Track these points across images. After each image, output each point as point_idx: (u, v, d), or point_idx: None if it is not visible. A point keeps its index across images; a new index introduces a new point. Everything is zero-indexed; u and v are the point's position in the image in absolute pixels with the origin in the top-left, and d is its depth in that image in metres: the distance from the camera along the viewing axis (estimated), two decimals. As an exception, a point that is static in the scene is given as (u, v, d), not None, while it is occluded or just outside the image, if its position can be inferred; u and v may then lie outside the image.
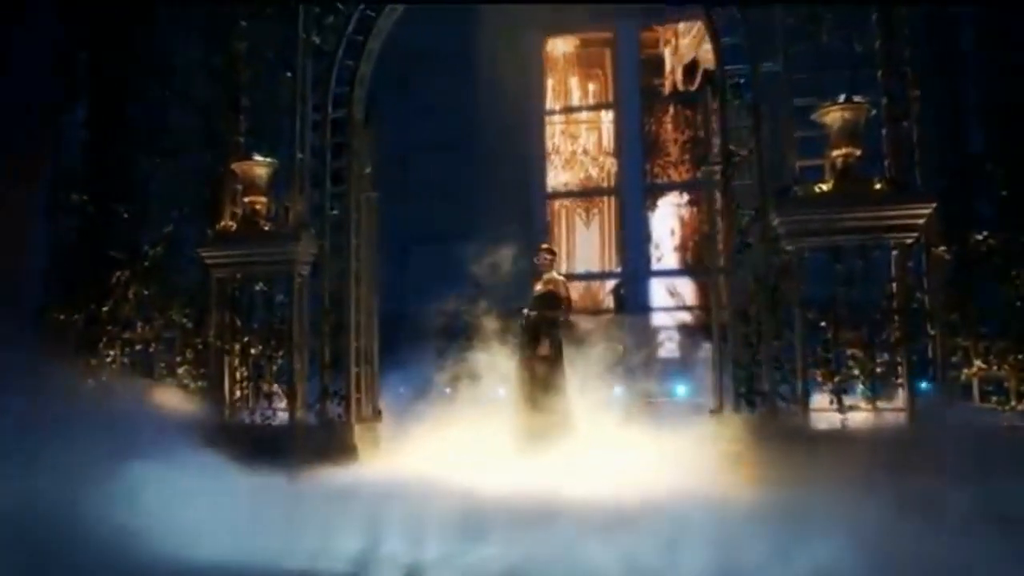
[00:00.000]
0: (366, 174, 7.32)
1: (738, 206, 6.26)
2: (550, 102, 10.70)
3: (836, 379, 5.76)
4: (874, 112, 5.92)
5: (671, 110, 10.77)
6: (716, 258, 6.39)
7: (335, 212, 7.02)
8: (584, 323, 12.79)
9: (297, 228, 6.77)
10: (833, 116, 5.84)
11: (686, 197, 10.68)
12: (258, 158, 6.87)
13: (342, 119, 7.12)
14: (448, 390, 11.15)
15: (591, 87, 11.07)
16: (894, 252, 5.87)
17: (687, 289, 10.50)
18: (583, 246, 11.02)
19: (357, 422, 6.82)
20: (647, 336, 11.48)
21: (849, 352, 5.78)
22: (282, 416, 6.76)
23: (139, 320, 7.42)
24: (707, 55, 10.10)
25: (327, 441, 6.54)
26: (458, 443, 6.53)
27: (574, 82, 11.06)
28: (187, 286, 7.33)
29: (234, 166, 6.89)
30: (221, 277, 6.99)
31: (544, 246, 7.04)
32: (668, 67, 10.81)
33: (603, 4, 11.01)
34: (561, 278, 6.98)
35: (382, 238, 7.60)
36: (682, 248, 10.75)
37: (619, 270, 10.84)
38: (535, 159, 10.38)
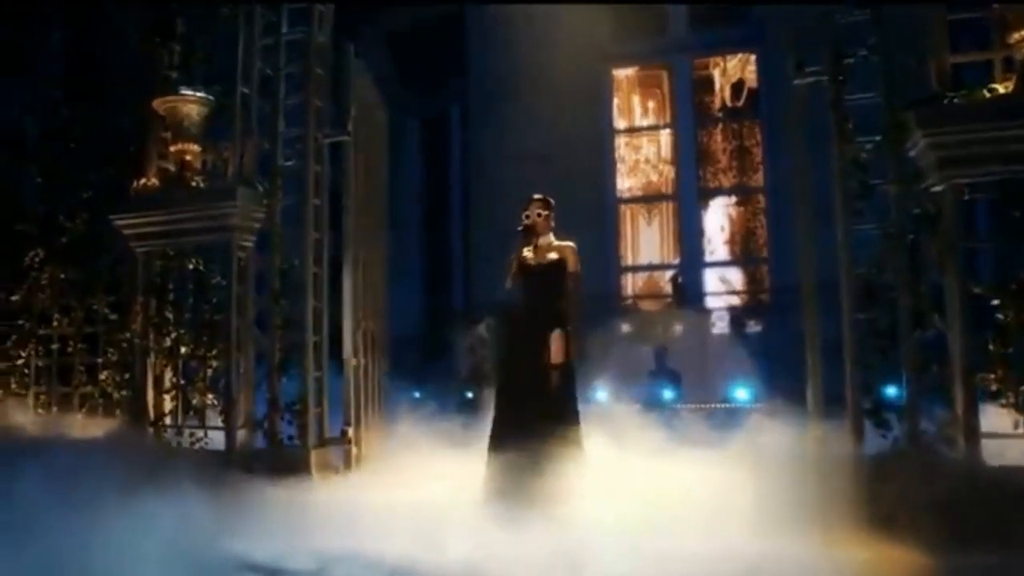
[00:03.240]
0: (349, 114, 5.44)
1: (854, 131, 4.19)
2: (616, 119, 12.50)
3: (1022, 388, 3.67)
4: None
5: (720, 124, 12.40)
6: (809, 204, 4.33)
7: (291, 163, 5.23)
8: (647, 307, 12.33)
9: (234, 183, 5.01)
10: (1010, -20, 3.75)
11: (734, 199, 12.32)
12: (187, 92, 5.15)
13: (299, 41, 5.33)
14: (471, 394, 9.45)
15: (650, 105, 12.73)
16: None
17: (736, 277, 12.16)
18: (646, 242, 12.50)
19: (316, 446, 5.00)
20: (703, 321, 11.29)
21: (1041, 346, 3.68)
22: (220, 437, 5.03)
23: (56, 312, 5.81)
24: (751, 75, 12.03)
25: (272, 471, 4.73)
26: (454, 478, 4.61)
27: (636, 101, 12.77)
28: (111, 266, 5.67)
29: (156, 104, 5.18)
30: (145, 252, 5.29)
31: (536, 197, 4.70)
32: (717, 86, 12.34)
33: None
34: (568, 243, 4.60)
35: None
36: (731, 242, 12.25)
37: (677, 262, 12.10)
38: (605, 168, 12.01)
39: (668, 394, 10.21)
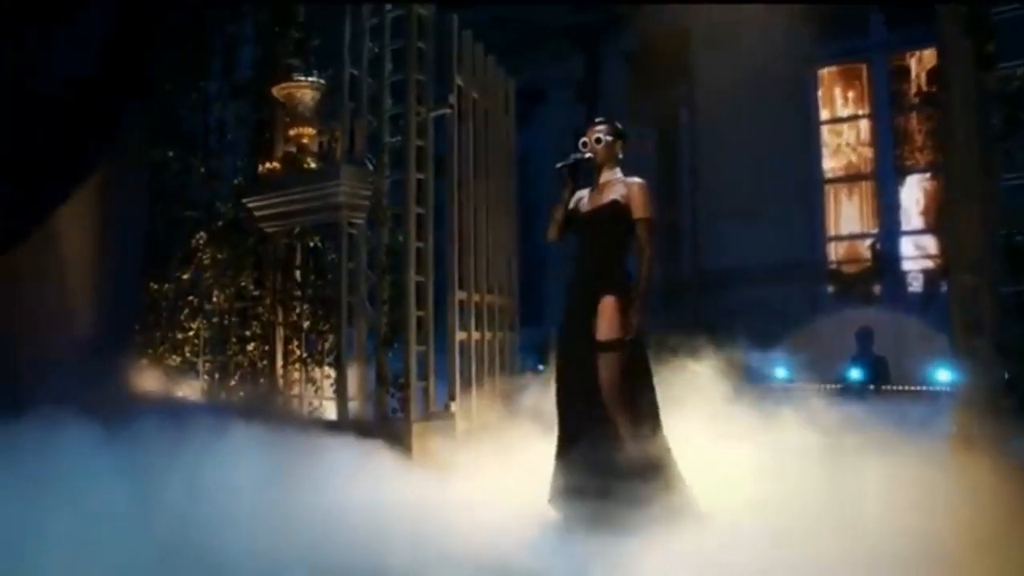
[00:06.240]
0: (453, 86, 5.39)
1: (999, 54, 3.32)
2: (820, 110, 14.03)
3: None
4: None
5: (915, 109, 13.42)
6: (955, 147, 3.49)
7: (396, 140, 5.27)
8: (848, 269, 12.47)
9: (340, 162, 5.16)
10: None
11: (928, 175, 13.48)
12: (300, 78, 5.38)
13: (403, 17, 5.32)
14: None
15: (850, 95, 14.05)
16: None
17: (930, 244, 13.17)
18: (847, 215, 13.92)
19: (420, 419, 5.04)
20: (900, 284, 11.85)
21: None
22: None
23: (217, 288, 6.42)
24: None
25: (377, 443, 4.83)
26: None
27: (837, 92, 14.13)
28: (255, 246, 6.13)
29: (274, 91, 5.47)
30: (273, 231, 5.66)
31: (599, 119, 3.83)
32: (913, 73, 13.47)
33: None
34: (636, 179, 3.71)
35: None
36: (925, 214, 13.45)
37: (875, 231, 13.46)
38: (811, 153, 13.58)
39: (862, 375, 9.29)
